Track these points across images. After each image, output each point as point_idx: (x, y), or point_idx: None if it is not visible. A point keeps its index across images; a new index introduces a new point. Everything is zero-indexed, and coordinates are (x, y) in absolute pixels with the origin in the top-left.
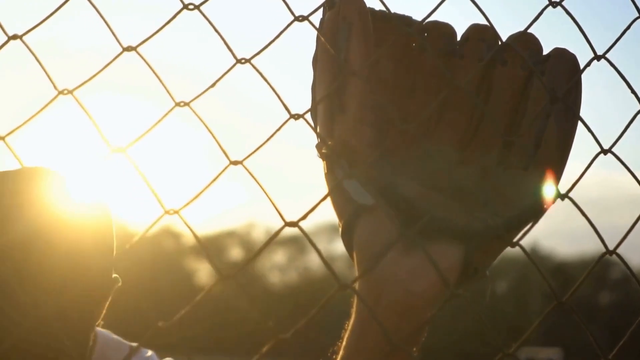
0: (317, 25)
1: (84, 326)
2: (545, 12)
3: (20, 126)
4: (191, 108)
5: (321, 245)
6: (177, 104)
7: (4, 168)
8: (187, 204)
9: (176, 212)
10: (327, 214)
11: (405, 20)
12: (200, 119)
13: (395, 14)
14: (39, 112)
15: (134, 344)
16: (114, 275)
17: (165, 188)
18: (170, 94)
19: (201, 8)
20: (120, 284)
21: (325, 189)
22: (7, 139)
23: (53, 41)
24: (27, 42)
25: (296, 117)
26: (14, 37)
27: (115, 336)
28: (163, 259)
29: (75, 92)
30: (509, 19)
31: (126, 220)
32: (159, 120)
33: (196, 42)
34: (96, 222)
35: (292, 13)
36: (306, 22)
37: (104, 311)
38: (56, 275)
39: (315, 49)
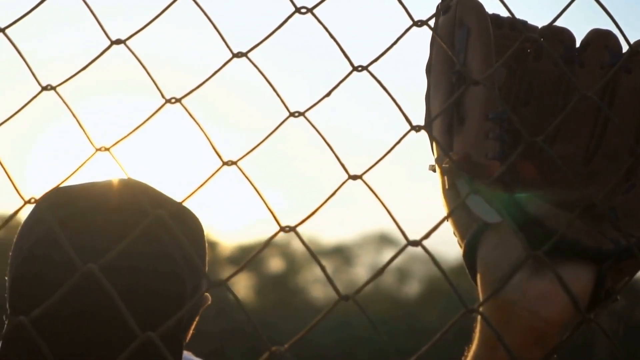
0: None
1: (177, 345)
2: None
3: (125, 137)
4: (307, 118)
5: (368, 257)
6: (292, 114)
7: (98, 178)
8: (304, 221)
9: (292, 229)
10: (374, 223)
11: (520, 24)
12: (318, 132)
13: (509, 17)
14: (144, 122)
15: None
16: (205, 293)
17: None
18: (284, 103)
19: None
20: (210, 302)
21: (441, 205)
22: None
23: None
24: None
25: (417, 128)
26: (117, 41)
27: (196, 358)
28: None
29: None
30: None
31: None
32: (273, 131)
33: (295, 49)
34: (189, 239)
35: (411, 17)
36: (410, 27)
37: (192, 331)
38: (153, 296)
39: (429, 56)
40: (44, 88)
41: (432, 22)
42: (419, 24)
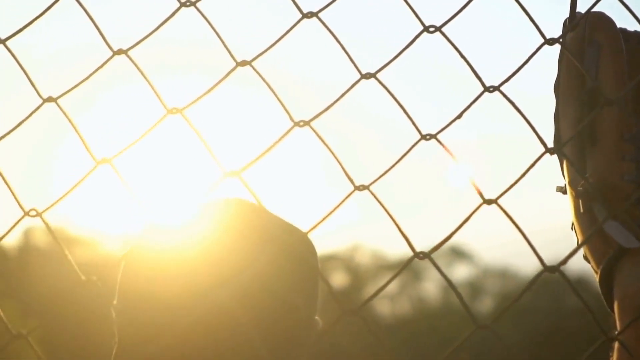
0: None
1: None
2: None
3: (255, 160)
4: (439, 140)
5: (437, 272)
6: (423, 137)
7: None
8: (438, 247)
9: (426, 255)
10: (443, 235)
11: None
12: (451, 154)
13: (636, 32)
14: (273, 145)
15: None
16: (316, 317)
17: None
18: (415, 125)
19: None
20: (320, 326)
21: (569, 228)
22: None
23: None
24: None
25: (551, 151)
26: (243, 63)
27: None
28: None
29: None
30: None
31: None
32: (405, 154)
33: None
34: (303, 260)
35: (543, 36)
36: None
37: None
38: (279, 324)
39: (557, 74)
40: (170, 111)
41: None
42: (550, 42)
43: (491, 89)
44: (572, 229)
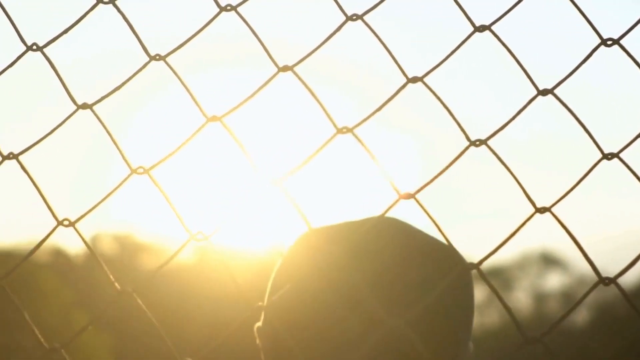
0: None
1: None
2: None
3: (428, 183)
4: (621, 160)
5: (528, 280)
6: (604, 156)
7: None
8: (623, 272)
9: (612, 281)
10: (534, 241)
11: None
12: (634, 173)
13: None
14: (449, 166)
15: None
16: (470, 342)
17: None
18: (596, 143)
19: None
20: (472, 351)
21: None
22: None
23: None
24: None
25: None
26: (414, 79)
27: None
28: None
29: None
30: None
31: None
32: (581, 180)
33: None
34: (471, 288)
35: None
36: None
37: None
38: (438, 349)
39: None
40: (339, 130)
41: None
42: None
43: None
44: None
